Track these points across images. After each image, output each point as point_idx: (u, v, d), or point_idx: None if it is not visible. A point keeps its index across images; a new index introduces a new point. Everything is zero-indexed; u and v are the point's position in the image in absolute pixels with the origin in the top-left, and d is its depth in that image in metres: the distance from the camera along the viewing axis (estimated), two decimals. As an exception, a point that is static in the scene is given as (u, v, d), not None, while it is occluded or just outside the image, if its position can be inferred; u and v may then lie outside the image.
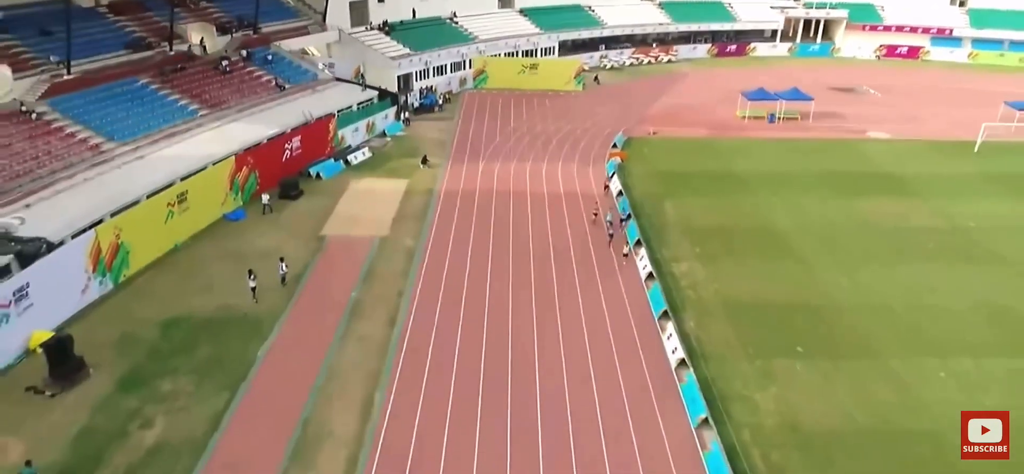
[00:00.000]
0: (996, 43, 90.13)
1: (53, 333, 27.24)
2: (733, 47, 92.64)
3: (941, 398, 25.92)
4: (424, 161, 49.63)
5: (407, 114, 60.95)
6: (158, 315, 30.40)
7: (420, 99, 65.17)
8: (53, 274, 29.25)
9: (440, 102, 65.62)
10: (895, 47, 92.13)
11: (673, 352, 27.96)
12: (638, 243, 36.98)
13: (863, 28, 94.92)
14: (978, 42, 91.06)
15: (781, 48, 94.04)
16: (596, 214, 40.79)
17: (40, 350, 26.04)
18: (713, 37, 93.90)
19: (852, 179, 47.78)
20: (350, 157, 49.92)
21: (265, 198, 41.75)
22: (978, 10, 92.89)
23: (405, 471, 22.20)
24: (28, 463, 20.75)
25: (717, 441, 23.19)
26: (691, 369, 26.88)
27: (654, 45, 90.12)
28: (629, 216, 39.93)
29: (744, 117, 61.97)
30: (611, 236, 37.79)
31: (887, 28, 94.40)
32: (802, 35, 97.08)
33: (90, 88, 44.72)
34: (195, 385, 25.94)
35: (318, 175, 46.86)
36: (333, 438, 23.54)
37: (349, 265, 35.23)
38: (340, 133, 51.99)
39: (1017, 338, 29.72)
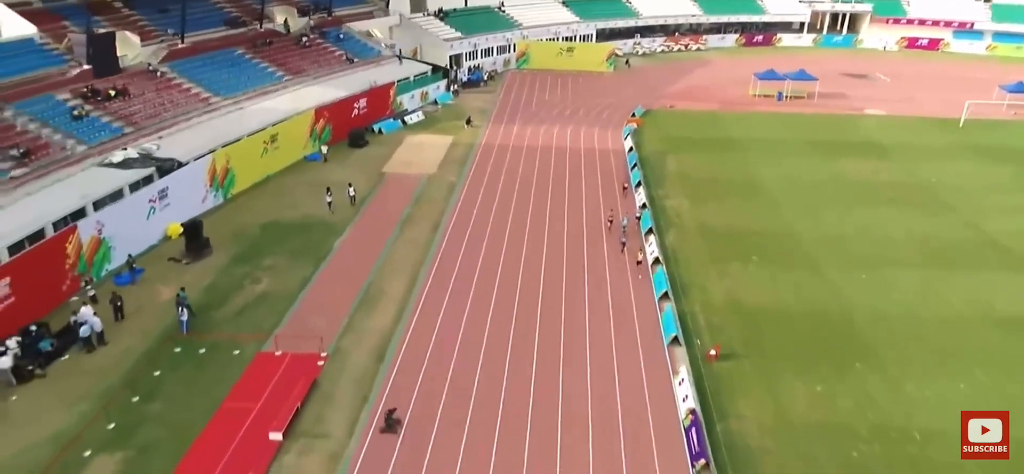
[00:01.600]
0: (1017, 36, 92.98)
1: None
2: (760, 37, 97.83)
3: (857, 291, 32.45)
4: (468, 122, 57.65)
5: (456, 86, 69.06)
6: (258, 219, 39.17)
7: (468, 75, 73.17)
8: (182, 184, 38.25)
9: (485, 78, 73.59)
10: (916, 39, 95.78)
11: (651, 253, 35.14)
12: (639, 185, 44.08)
13: (887, 22, 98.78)
14: (999, 35, 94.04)
15: (806, 39, 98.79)
16: (611, 221, 38.61)
17: (180, 230, 34.99)
18: (742, 28, 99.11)
19: (838, 145, 53.65)
20: (406, 118, 58.36)
21: (323, 149, 50.01)
22: (1001, 5, 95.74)
23: (438, 320, 30.05)
24: (182, 289, 29.45)
25: (671, 306, 30.38)
26: (663, 265, 34.03)
27: (676, 34, 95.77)
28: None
29: (755, 95, 67.98)
30: (624, 243, 36.03)
31: (910, 21, 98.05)
32: (829, 28, 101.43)
33: (198, 55, 54.06)
34: (288, 261, 34.46)
35: (380, 130, 55.37)
36: (387, 296, 31.65)
37: (403, 192, 43.48)
38: (399, 98, 60.44)
39: (933, 255, 36.00)
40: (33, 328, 27.05)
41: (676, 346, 27.86)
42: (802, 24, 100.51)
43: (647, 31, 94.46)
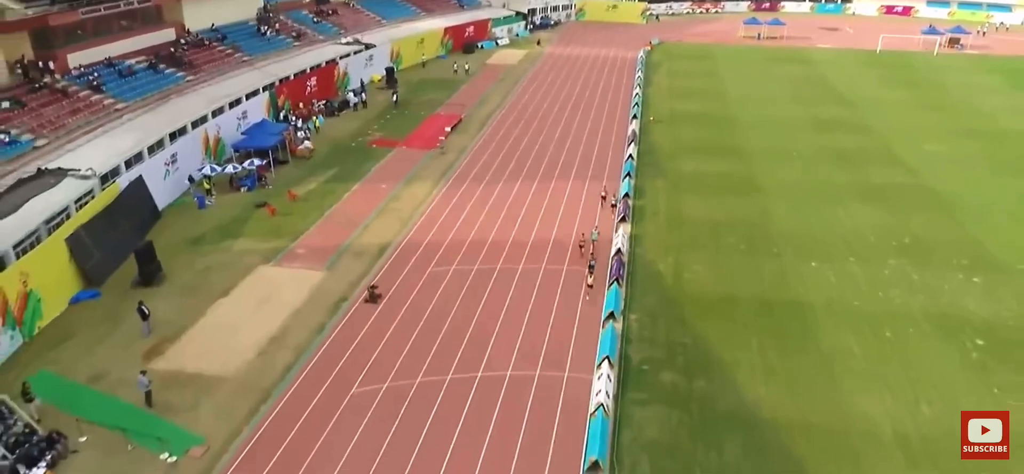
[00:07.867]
0: (976, 4, 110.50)
1: (381, 76, 63.78)
2: (767, 4, 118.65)
3: (744, 113, 56.18)
4: (538, 44, 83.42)
5: (531, 26, 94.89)
6: (416, 78, 66.41)
7: (540, 20, 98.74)
8: (378, 55, 65.71)
9: (552, 23, 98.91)
10: (892, 6, 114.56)
11: (634, 102, 59.95)
12: (639, 72, 68.68)
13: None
14: (962, 4, 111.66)
15: (805, 5, 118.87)
16: (582, 246, 32.25)
17: (379, 77, 62.69)
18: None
19: (783, 59, 76.22)
20: (499, 41, 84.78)
21: (423, 57, 75.92)
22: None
23: (515, 111, 56.07)
24: (395, 90, 56.79)
25: (639, 90, 55.33)
26: (639, 95, 58.89)
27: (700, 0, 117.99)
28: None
29: (741, 36, 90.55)
30: (592, 266, 29.62)
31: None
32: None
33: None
34: (437, 91, 61.55)
35: (482, 46, 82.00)
36: (490, 101, 58.31)
37: (497, 71, 70.00)
38: (493, 29, 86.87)
39: (796, 101, 59.21)
40: (326, 101, 55.02)
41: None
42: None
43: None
